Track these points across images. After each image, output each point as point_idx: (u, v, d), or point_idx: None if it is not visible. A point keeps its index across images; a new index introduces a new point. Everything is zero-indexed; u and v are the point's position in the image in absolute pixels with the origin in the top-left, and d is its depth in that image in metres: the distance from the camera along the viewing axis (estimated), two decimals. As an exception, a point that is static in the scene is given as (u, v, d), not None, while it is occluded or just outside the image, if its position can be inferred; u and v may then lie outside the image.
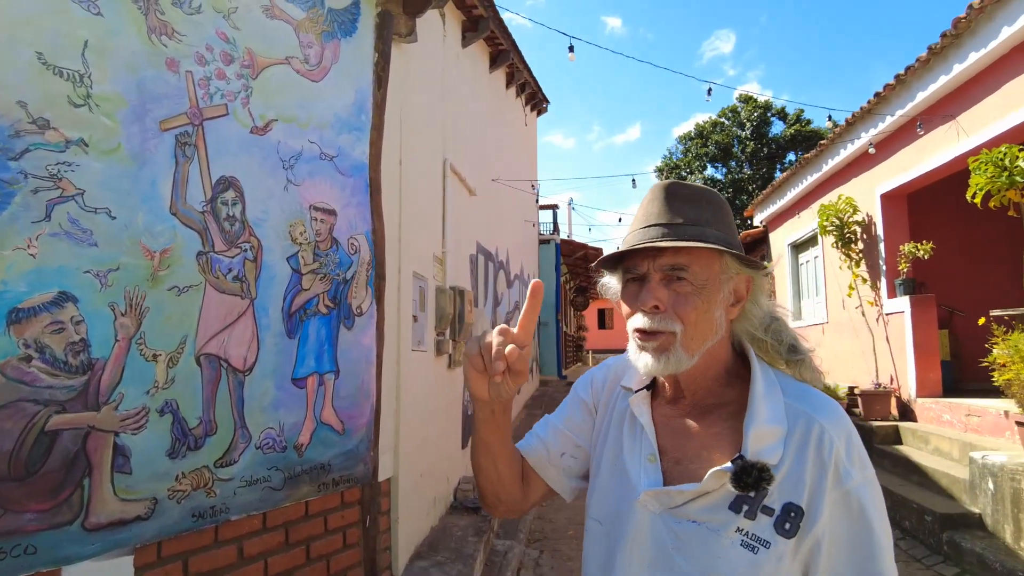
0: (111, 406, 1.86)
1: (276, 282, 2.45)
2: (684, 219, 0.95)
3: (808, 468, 0.87)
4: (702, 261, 0.94)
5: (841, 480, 0.87)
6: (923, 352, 6.70)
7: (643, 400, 1.03)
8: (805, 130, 33.52)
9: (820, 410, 0.92)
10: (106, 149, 1.88)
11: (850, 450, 0.89)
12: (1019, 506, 4.01)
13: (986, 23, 5.17)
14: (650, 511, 0.94)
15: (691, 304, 0.93)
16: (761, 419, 0.90)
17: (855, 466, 0.88)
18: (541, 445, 1.13)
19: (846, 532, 0.86)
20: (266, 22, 2.44)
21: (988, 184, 4.80)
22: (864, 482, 0.88)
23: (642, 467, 0.97)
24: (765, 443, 0.89)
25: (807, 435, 0.89)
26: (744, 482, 0.86)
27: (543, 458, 1.13)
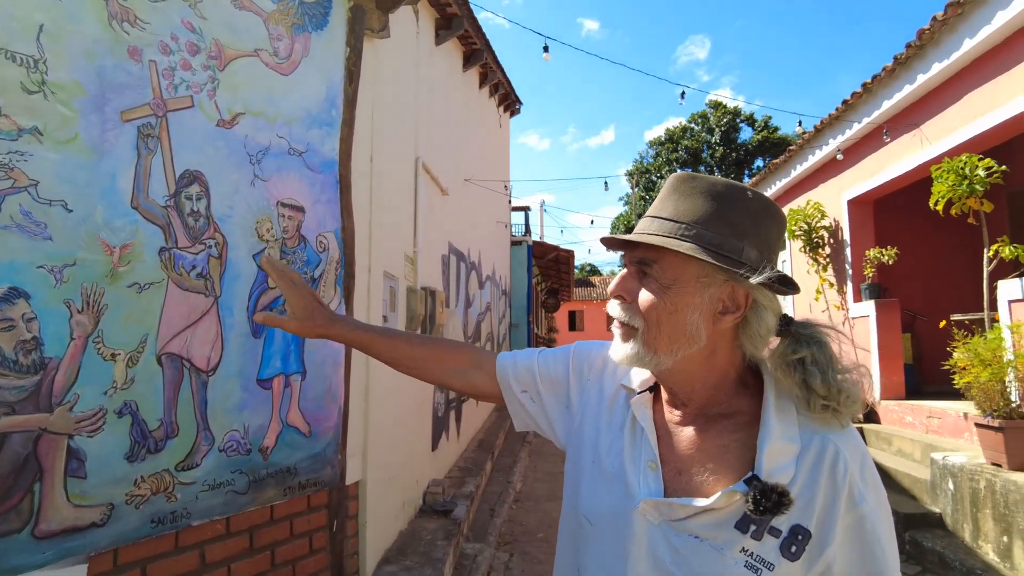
0: (65, 407, 1.78)
1: (241, 280, 2.38)
2: (670, 214, 0.90)
3: (820, 490, 0.84)
4: (671, 260, 0.89)
5: (855, 504, 0.83)
6: (887, 355, 6.85)
7: (645, 402, 0.99)
8: (772, 136, 34.19)
9: (835, 429, 0.88)
10: (62, 139, 1.80)
11: (864, 473, 0.86)
12: (978, 506, 4.11)
13: (949, 35, 5.31)
14: (648, 520, 0.90)
15: (651, 302, 0.89)
16: (775, 436, 0.86)
17: (869, 489, 0.85)
18: (511, 368, 1.16)
19: (859, 558, 0.83)
20: (235, 13, 2.37)
21: (949, 192, 4.93)
22: (877, 506, 0.85)
23: (642, 473, 0.93)
24: (778, 461, 0.85)
25: (821, 455, 0.85)
26: (763, 506, 0.82)
27: (505, 378, 1.16)
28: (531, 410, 1.15)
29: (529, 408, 1.15)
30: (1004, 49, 4.90)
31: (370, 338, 1.20)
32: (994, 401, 4.20)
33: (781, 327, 0.91)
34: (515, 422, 1.20)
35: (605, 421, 1.03)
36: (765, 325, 0.90)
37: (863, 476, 0.85)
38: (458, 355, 1.20)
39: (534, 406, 1.15)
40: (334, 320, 1.19)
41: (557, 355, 1.15)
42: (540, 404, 1.14)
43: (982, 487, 4.07)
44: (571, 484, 1.05)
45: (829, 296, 7.78)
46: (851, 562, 0.83)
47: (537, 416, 1.15)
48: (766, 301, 0.89)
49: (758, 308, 0.89)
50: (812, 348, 0.88)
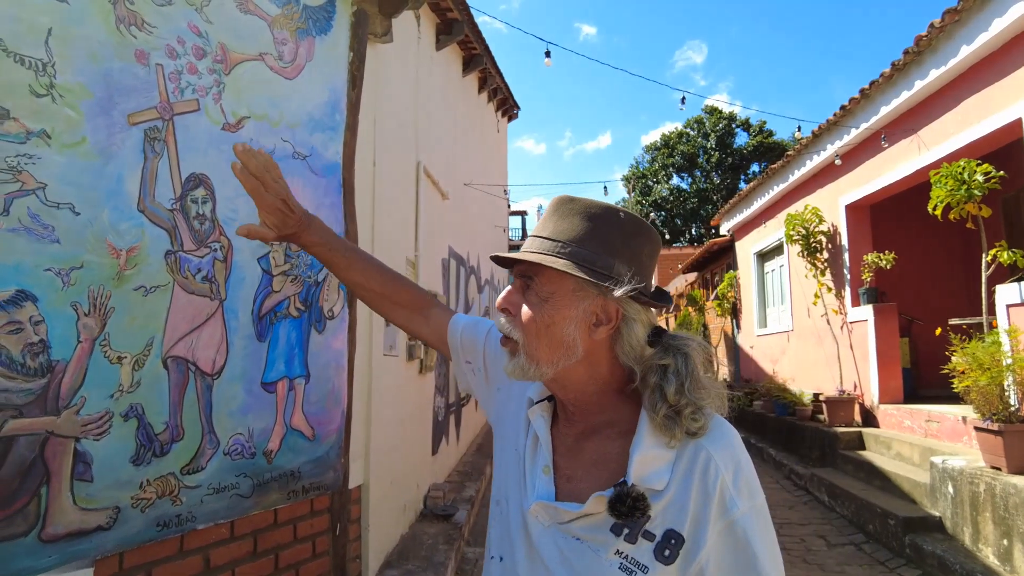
0: (72, 410, 1.78)
1: (246, 283, 2.38)
2: (549, 233, 0.96)
3: (692, 496, 0.87)
4: (549, 274, 0.94)
5: (727, 510, 0.86)
6: (885, 359, 6.87)
7: (543, 411, 1.04)
8: (768, 141, 34.30)
9: (710, 438, 0.90)
10: (70, 142, 1.80)
11: (737, 479, 0.88)
12: (977, 509, 4.12)
13: (946, 41, 5.35)
14: (539, 522, 0.95)
15: (531, 312, 0.95)
16: (647, 444, 0.89)
17: (742, 495, 0.88)
18: (459, 335, 1.23)
19: (730, 562, 0.86)
20: (240, 17, 2.38)
21: (948, 197, 4.96)
22: (752, 511, 0.87)
23: (537, 477, 0.98)
24: (651, 468, 0.88)
25: (694, 462, 0.88)
26: (618, 510, 0.86)
27: (455, 343, 1.24)
28: (471, 381, 1.24)
29: (470, 379, 1.24)
30: (1001, 55, 4.93)
31: (337, 256, 1.25)
32: (993, 405, 4.22)
33: (652, 338, 0.96)
34: (459, 383, 1.29)
35: (520, 421, 1.09)
36: (635, 336, 0.95)
37: (735, 482, 0.88)
38: (415, 300, 1.28)
39: (475, 378, 1.23)
40: (306, 225, 1.23)
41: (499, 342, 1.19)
42: (481, 377, 1.21)
43: (982, 490, 4.08)
44: (494, 462, 1.13)
45: (827, 300, 7.80)
46: (724, 567, 0.86)
47: (477, 387, 1.24)
48: (634, 313, 0.95)
49: (628, 320, 0.95)
50: (677, 358, 0.92)
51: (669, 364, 0.92)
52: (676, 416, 0.89)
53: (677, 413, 0.89)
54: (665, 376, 0.91)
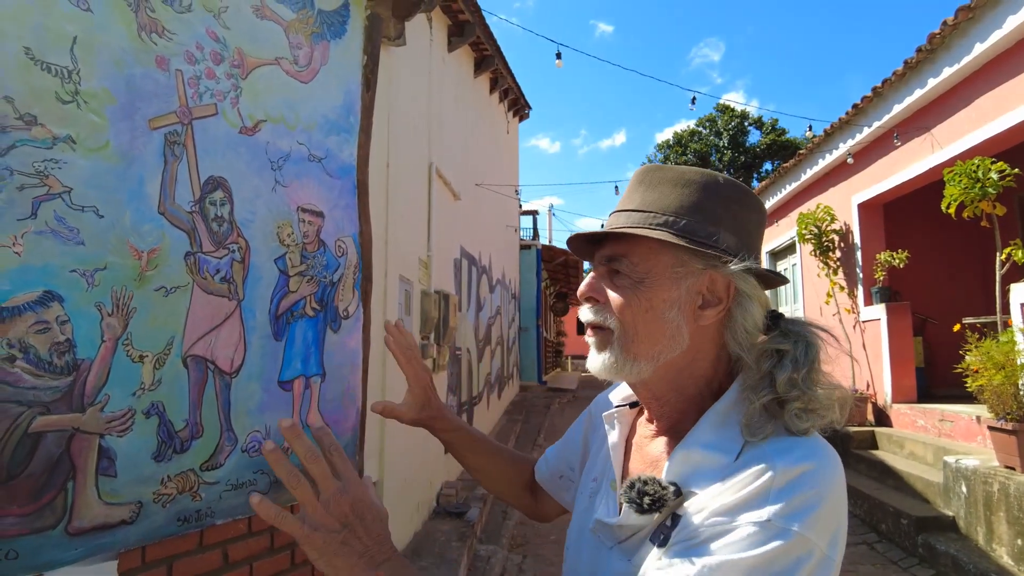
0: (96, 408, 1.83)
1: (263, 284, 2.42)
2: (636, 205, 0.83)
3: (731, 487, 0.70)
4: (642, 251, 0.81)
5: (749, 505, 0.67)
6: (898, 359, 6.84)
7: (619, 417, 0.92)
8: (781, 140, 34.10)
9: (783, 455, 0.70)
10: (94, 146, 1.85)
11: (788, 493, 0.66)
12: (991, 509, 4.10)
13: (960, 39, 5.32)
14: (600, 542, 0.83)
15: (625, 297, 0.81)
16: (699, 440, 0.75)
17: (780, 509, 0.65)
18: (545, 465, 1.15)
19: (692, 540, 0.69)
20: (256, 22, 2.43)
21: (962, 195, 4.93)
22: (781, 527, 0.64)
23: (604, 491, 0.87)
24: (693, 468, 0.74)
25: (743, 473, 0.70)
26: (640, 504, 0.73)
27: (547, 478, 1.13)
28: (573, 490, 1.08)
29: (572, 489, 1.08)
30: (1016, 52, 4.90)
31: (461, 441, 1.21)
32: (1007, 404, 4.20)
33: (769, 323, 0.82)
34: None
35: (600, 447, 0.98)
36: (751, 318, 0.81)
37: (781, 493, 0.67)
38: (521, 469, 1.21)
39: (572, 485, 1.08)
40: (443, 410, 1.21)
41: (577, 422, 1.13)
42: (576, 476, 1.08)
43: (995, 490, 4.07)
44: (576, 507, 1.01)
45: (840, 300, 7.76)
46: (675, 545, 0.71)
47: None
48: (750, 290, 0.81)
49: (742, 299, 0.81)
50: (797, 345, 0.78)
51: (787, 350, 0.78)
52: (778, 409, 0.74)
53: (780, 406, 0.74)
54: (780, 363, 0.77)
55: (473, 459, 1.21)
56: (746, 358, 0.80)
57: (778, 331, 0.81)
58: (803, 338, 0.80)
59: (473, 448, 1.21)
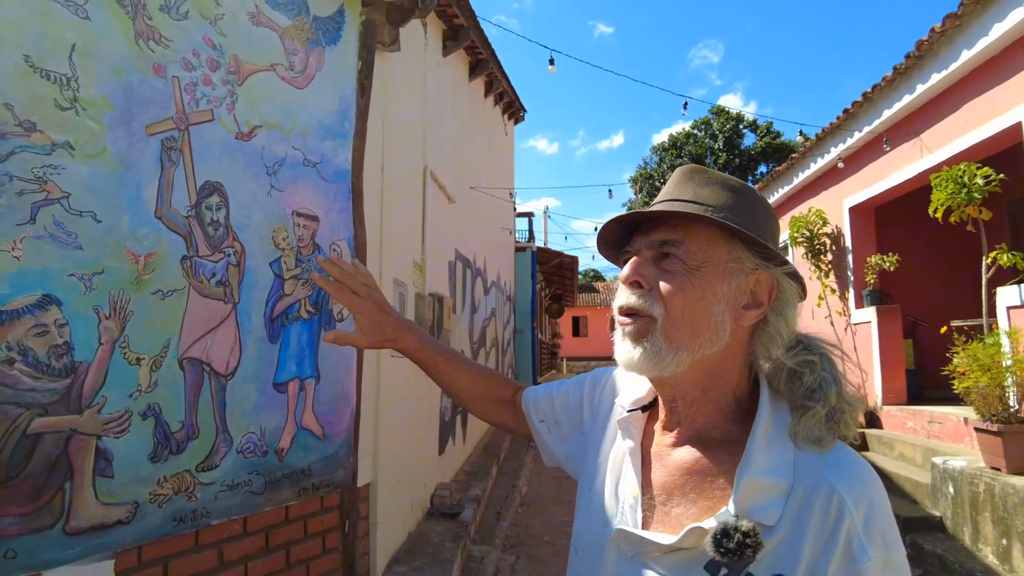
0: (94, 409, 1.86)
1: (259, 287, 2.46)
2: (692, 197, 0.82)
3: (808, 537, 0.71)
4: (699, 240, 0.80)
5: (854, 559, 0.69)
6: (889, 361, 6.90)
7: (636, 422, 0.90)
8: (776, 142, 34.25)
9: (837, 469, 0.74)
10: (92, 152, 1.88)
11: (869, 523, 0.71)
12: (977, 509, 4.16)
13: (947, 46, 5.39)
14: (621, 551, 0.81)
15: (677, 284, 0.79)
16: (759, 467, 0.74)
17: (874, 543, 0.70)
18: (532, 399, 1.15)
19: None
20: (252, 29, 2.46)
21: (949, 200, 4.99)
22: (886, 565, 0.70)
23: (623, 500, 0.85)
24: (760, 499, 0.73)
25: (813, 495, 0.72)
26: (724, 546, 0.71)
27: (527, 409, 1.15)
28: (547, 440, 1.11)
29: (546, 438, 1.11)
30: (1001, 60, 4.97)
31: (435, 358, 1.19)
32: (993, 406, 4.26)
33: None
34: (543, 456, 1.16)
35: (605, 442, 0.96)
36: (787, 325, 0.82)
37: (867, 527, 0.71)
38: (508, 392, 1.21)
39: (550, 436, 1.11)
40: (404, 329, 1.17)
41: (576, 381, 1.12)
42: (557, 432, 1.10)
43: (981, 491, 4.12)
44: (576, 510, 0.98)
45: (831, 302, 7.83)
46: None
47: (553, 446, 1.11)
48: (791, 296, 0.83)
49: (783, 305, 0.82)
50: (823, 359, 0.81)
51: (816, 361, 0.80)
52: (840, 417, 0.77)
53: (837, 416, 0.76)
54: (820, 375, 0.79)
55: (448, 377, 1.20)
56: (770, 367, 0.82)
57: (801, 345, 0.82)
58: (825, 352, 0.82)
59: (448, 365, 1.19)
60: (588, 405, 1.06)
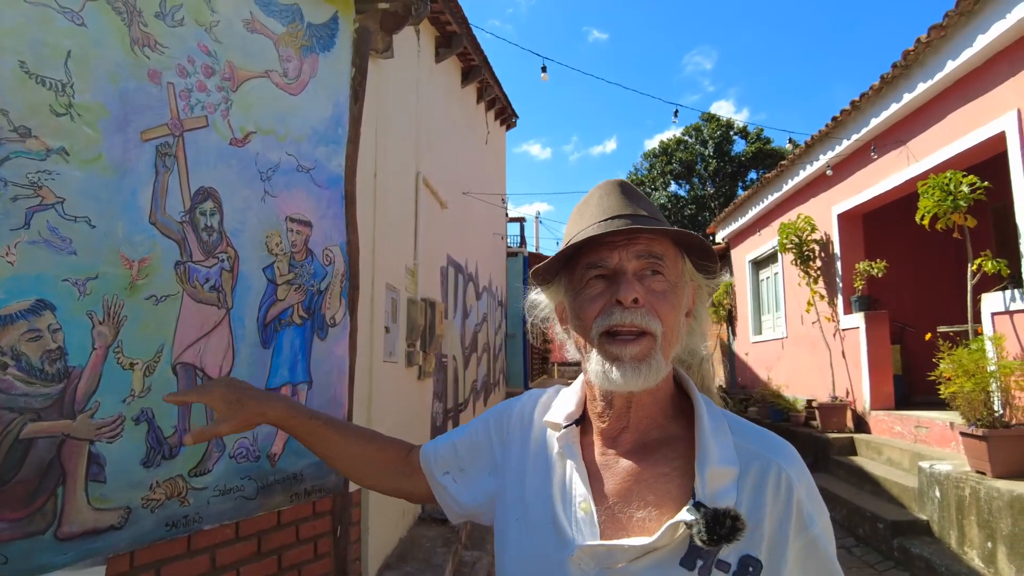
0: (87, 414, 1.86)
1: (252, 292, 2.47)
2: (647, 212, 0.86)
3: (767, 515, 0.78)
4: (671, 255, 0.86)
5: (806, 527, 0.78)
6: (877, 366, 6.97)
7: (573, 437, 0.90)
8: (766, 149, 34.49)
9: (776, 450, 0.83)
10: (87, 158, 1.89)
11: (811, 493, 0.81)
12: (963, 512, 4.21)
13: (933, 56, 5.48)
14: (583, 571, 0.80)
15: (668, 301, 0.83)
16: (713, 459, 0.80)
17: (817, 510, 0.81)
18: (432, 453, 1.08)
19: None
20: (247, 36, 2.48)
21: (935, 207, 5.07)
22: (825, 527, 0.81)
23: (574, 517, 0.83)
24: (719, 486, 0.78)
25: (763, 477, 0.80)
26: (717, 534, 0.74)
27: (428, 467, 1.07)
28: (453, 491, 1.04)
29: (452, 490, 1.05)
30: (986, 70, 5.06)
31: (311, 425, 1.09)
32: (978, 411, 4.32)
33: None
34: (448, 515, 1.09)
35: (531, 468, 0.94)
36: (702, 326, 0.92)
37: (810, 496, 0.81)
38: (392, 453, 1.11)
39: (456, 486, 1.04)
40: (266, 401, 1.10)
41: (480, 421, 1.08)
42: (464, 480, 1.04)
43: (967, 494, 4.18)
44: (499, 552, 0.94)
45: (820, 308, 7.90)
46: None
47: (460, 495, 1.04)
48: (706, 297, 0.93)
49: (699, 308, 0.92)
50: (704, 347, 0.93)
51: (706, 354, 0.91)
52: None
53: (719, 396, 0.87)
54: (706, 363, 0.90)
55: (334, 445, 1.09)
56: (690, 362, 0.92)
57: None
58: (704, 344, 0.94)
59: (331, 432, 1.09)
60: (497, 441, 1.02)
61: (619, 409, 0.87)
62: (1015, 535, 3.69)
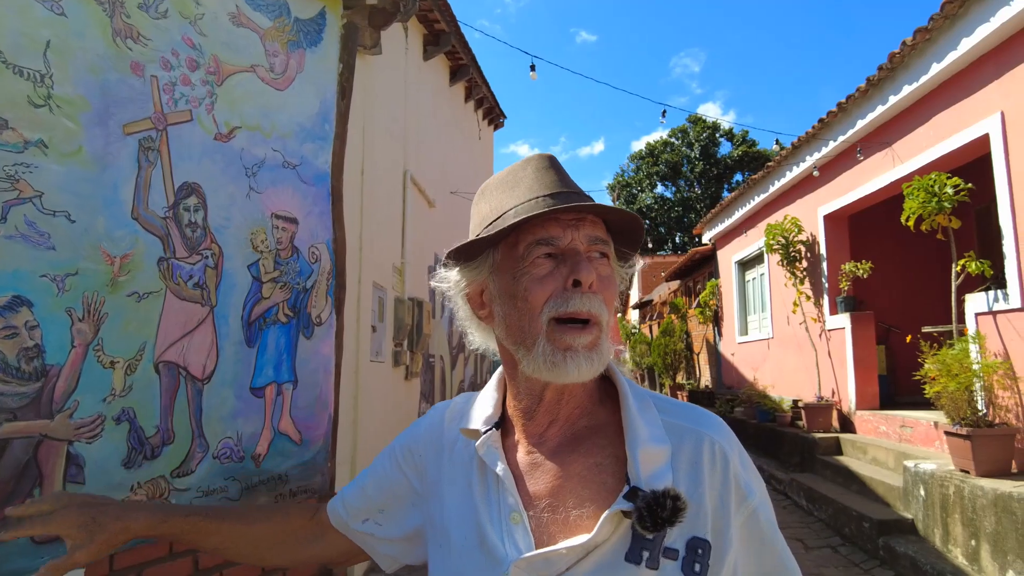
0: (65, 414, 1.81)
1: (236, 290, 2.43)
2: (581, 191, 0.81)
3: (707, 491, 0.74)
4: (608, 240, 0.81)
5: (745, 498, 0.76)
6: (862, 367, 7.02)
7: (494, 441, 0.82)
8: (752, 151, 34.76)
9: (704, 423, 0.79)
10: (67, 151, 1.84)
11: (744, 463, 0.78)
12: (947, 511, 4.24)
13: (918, 59, 5.53)
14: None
15: (612, 287, 0.79)
16: (644, 438, 0.75)
17: (754, 480, 0.78)
18: (342, 506, 0.99)
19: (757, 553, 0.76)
20: (233, 30, 2.44)
21: (920, 209, 5.11)
22: (763, 496, 0.78)
23: (505, 531, 0.76)
24: (652, 467, 0.73)
25: (697, 453, 0.76)
26: (658, 518, 0.68)
27: (342, 521, 0.98)
28: (381, 535, 0.96)
29: (379, 534, 0.96)
30: (970, 73, 5.11)
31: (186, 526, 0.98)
32: (962, 410, 4.35)
33: None
34: (382, 565, 0.99)
35: (448, 489, 0.86)
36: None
37: (744, 466, 0.78)
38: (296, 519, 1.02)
39: (382, 529, 0.96)
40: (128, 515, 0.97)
41: (385, 456, 0.99)
42: (388, 521, 0.96)
43: (951, 493, 4.21)
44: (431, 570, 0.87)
45: (806, 309, 7.95)
46: (753, 561, 0.76)
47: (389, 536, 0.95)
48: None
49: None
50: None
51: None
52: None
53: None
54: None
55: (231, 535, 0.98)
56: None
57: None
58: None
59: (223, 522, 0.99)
60: (411, 471, 0.94)
61: (549, 403, 0.81)
62: (998, 533, 3.73)
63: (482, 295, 0.85)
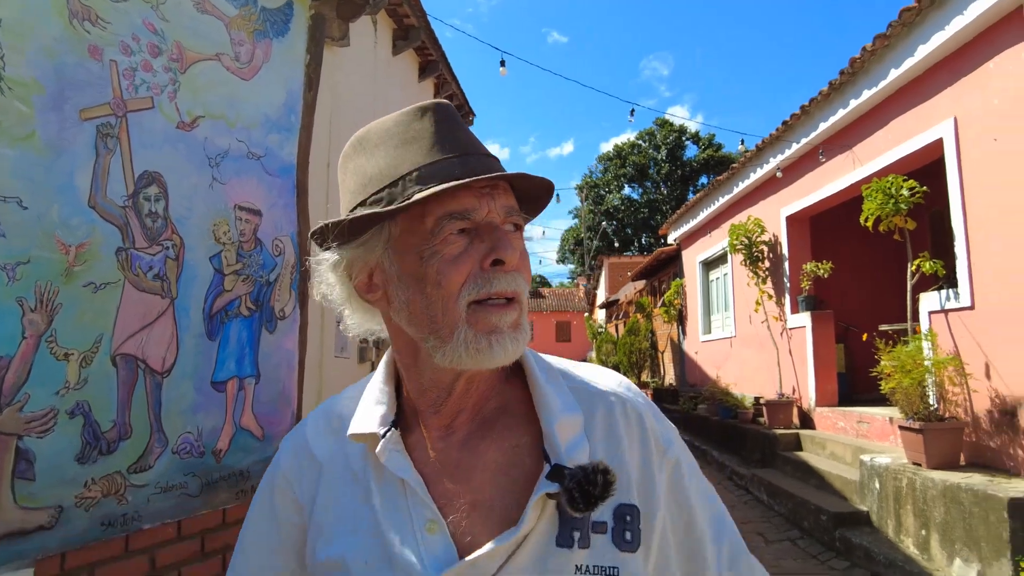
0: (15, 407, 1.75)
1: (198, 282, 2.37)
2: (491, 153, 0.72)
3: (627, 454, 0.70)
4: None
5: (664, 452, 0.72)
6: (822, 364, 7.20)
7: (396, 443, 0.70)
8: (717, 155, 35.36)
9: (611, 383, 0.76)
10: (19, 136, 1.78)
11: (657, 417, 0.75)
12: (900, 503, 4.38)
13: (877, 64, 5.69)
14: None
15: (527, 261, 0.73)
16: (556, 409, 0.70)
17: (669, 432, 0.75)
18: None
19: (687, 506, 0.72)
20: (197, 16, 2.39)
21: (878, 210, 5.25)
22: (680, 445, 0.75)
23: (421, 543, 0.66)
24: (568, 439, 0.68)
25: (611, 416, 0.72)
26: (591, 496, 0.62)
27: None
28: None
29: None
30: (926, 79, 5.28)
31: None
32: (915, 405, 4.49)
33: None
34: None
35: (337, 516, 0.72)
36: None
37: (658, 419, 0.75)
38: None
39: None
40: None
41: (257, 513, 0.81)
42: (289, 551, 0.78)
43: (904, 485, 4.35)
44: None
45: (768, 308, 8.11)
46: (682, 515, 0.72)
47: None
48: None
49: None
50: None
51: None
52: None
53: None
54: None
55: None
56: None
57: None
58: None
59: None
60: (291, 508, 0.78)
61: (460, 392, 0.71)
62: (947, 523, 3.86)
63: (371, 276, 0.72)
